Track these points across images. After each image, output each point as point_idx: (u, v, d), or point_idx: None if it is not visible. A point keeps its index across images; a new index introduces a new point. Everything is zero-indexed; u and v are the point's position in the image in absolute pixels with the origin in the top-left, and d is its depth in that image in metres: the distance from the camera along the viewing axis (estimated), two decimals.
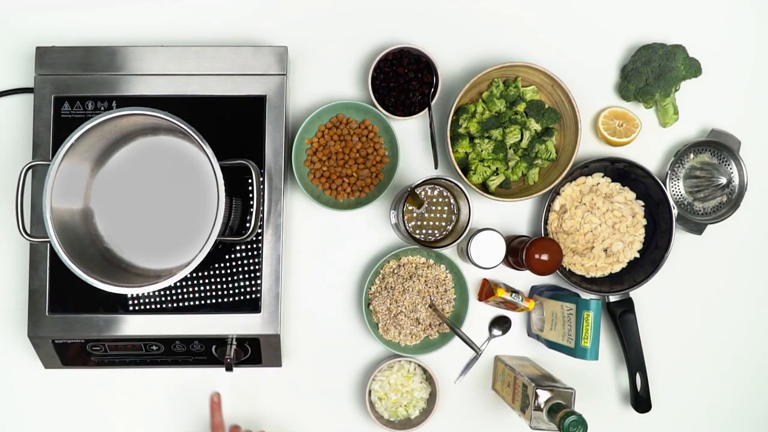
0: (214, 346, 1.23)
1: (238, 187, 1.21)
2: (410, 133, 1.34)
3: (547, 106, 1.31)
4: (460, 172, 1.26)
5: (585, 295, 1.29)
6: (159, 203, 1.20)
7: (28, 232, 1.17)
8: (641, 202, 1.33)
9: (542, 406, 1.15)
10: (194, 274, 1.21)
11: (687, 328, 1.36)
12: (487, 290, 1.30)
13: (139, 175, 1.20)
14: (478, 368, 1.34)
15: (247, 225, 1.20)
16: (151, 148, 1.21)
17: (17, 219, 1.13)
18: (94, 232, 1.20)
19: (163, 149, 1.21)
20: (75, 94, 1.22)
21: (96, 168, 1.20)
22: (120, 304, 1.20)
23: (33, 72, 1.24)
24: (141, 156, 1.21)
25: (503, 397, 1.28)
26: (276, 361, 1.27)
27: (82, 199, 1.19)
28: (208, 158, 1.10)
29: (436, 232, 1.28)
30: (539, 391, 1.15)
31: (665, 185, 1.32)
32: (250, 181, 1.21)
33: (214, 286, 1.22)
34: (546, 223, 1.32)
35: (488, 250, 1.23)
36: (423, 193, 1.28)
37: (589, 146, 1.35)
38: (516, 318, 1.35)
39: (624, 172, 1.32)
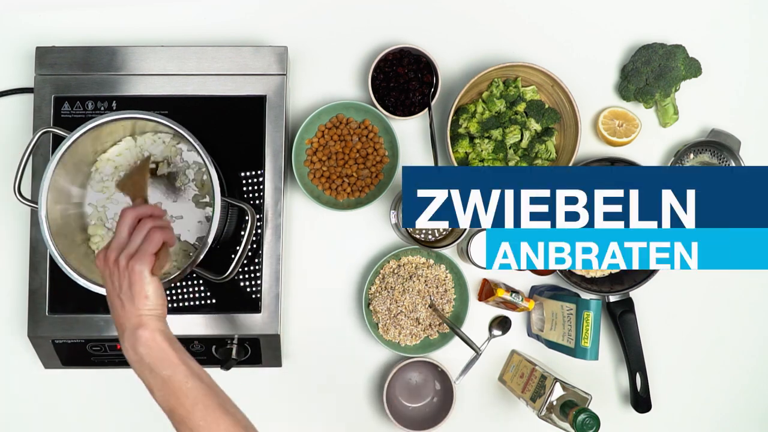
0: (214, 346, 1.23)
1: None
2: (410, 133, 1.34)
3: (547, 106, 1.31)
4: None
5: (585, 295, 1.29)
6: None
7: (23, 194, 1.15)
8: None
9: (554, 402, 1.16)
10: (194, 274, 1.21)
11: (687, 328, 1.36)
12: (487, 290, 1.30)
13: None
14: (478, 368, 1.34)
15: (232, 256, 1.14)
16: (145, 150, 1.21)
17: (14, 179, 1.12)
18: (91, 236, 1.20)
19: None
20: (75, 94, 1.22)
21: (91, 172, 1.20)
22: None
23: (33, 72, 1.24)
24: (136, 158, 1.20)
25: (511, 387, 1.28)
26: (276, 361, 1.27)
27: (79, 203, 1.19)
28: (203, 159, 1.10)
29: (436, 232, 1.28)
30: (558, 385, 1.17)
31: None
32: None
33: (214, 286, 1.21)
34: None
35: None
36: None
37: (589, 146, 1.35)
38: (516, 318, 1.35)
39: None
